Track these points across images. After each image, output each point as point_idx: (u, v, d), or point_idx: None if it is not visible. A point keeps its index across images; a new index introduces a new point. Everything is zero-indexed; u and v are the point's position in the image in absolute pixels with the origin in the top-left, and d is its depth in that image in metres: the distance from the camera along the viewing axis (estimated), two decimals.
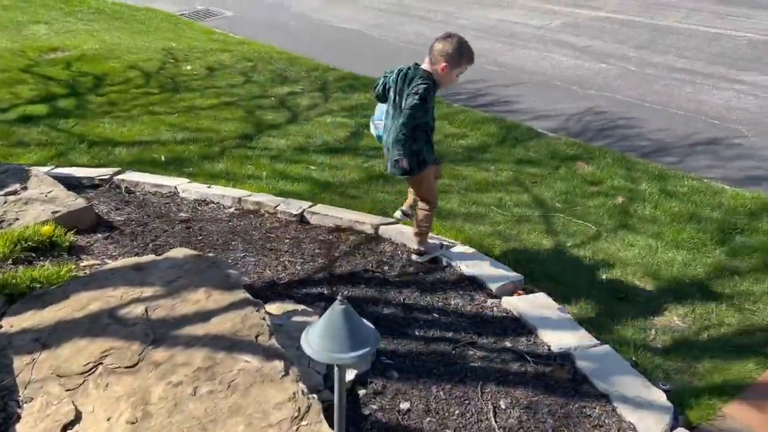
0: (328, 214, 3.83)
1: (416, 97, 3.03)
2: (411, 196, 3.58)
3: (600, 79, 7.27)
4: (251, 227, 3.72)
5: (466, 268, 3.36)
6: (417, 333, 2.84)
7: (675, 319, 3.24)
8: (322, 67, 7.85)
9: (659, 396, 2.53)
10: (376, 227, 3.73)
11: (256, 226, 3.73)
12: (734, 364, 2.86)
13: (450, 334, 2.85)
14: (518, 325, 2.96)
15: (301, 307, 2.86)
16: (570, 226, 4.13)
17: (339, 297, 1.63)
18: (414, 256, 3.45)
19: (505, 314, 3.04)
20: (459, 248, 3.60)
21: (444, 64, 3.12)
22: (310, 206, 3.94)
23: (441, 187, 4.65)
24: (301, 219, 3.85)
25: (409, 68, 3.21)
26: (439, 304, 3.07)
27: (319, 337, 1.60)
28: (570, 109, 6.57)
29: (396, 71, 3.24)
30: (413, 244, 3.48)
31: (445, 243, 3.64)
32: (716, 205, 4.35)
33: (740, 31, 8.35)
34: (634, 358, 2.88)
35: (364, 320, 1.70)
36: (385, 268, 3.35)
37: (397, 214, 3.62)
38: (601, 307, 3.29)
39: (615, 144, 5.74)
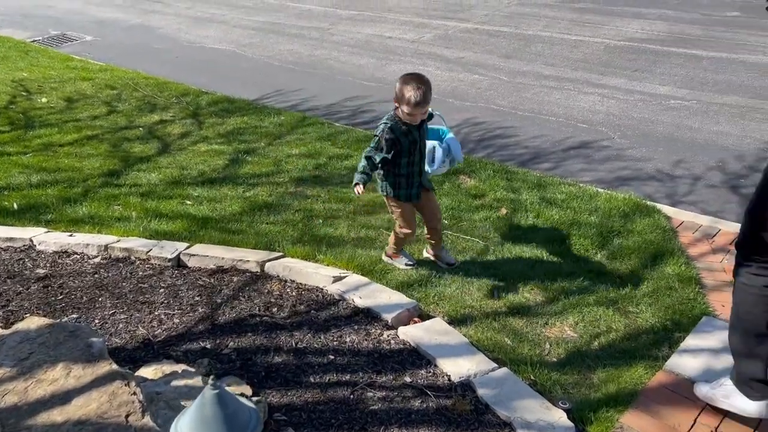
0: (207, 255, 3.57)
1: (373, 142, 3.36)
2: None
3: (474, 90, 7.44)
4: (121, 278, 3.39)
5: (360, 299, 3.23)
6: (312, 380, 2.67)
7: (567, 330, 3.28)
8: (193, 92, 7.48)
9: (560, 416, 2.51)
10: (262, 264, 3.51)
11: (126, 276, 3.40)
12: (625, 371, 2.92)
13: (348, 377, 2.70)
14: (417, 357, 2.87)
15: (181, 367, 2.60)
16: (458, 242, 4.11)
17: (210, 381, 1.43)
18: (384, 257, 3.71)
19: (402, 346, 2.94)
20: (352, 278, 3.47)
21: (394, 97, 3.24)
22: (188, 247, 3.66)
23: (328, 212, 4.52)
24: (178, 263, 3.56)
25: None
26: (334, 343, 2.91)
27: (190, 429, 1.39)
28: (448, 121, 6.58)
29: None
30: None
31: (342, 274, 3.50)
32: (593, 209, 4.51)
33: (597, 38, 8.89)
34: (532, 377, 2.87)
35: (242, 400, 1.50)
36: (274, 310, 3.15)
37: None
38: (497, 325, 3.27)
39: (495, 154, 5.86)
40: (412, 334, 2.99)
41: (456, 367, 2.77)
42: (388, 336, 2.98)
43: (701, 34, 8.66)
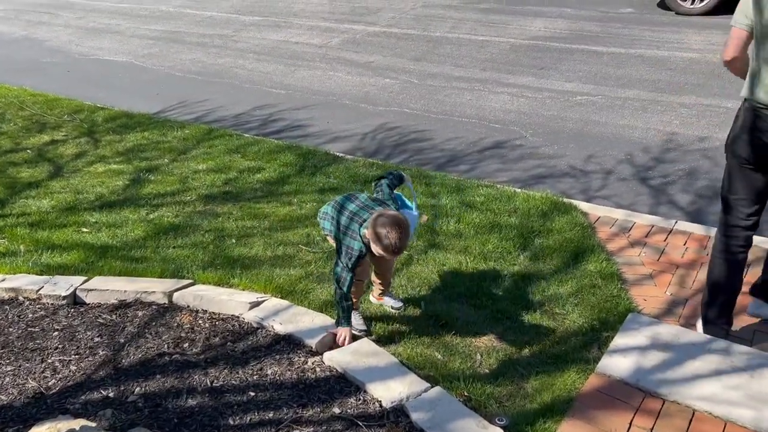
0: (107, 289, 3.24)
1: (346, 260, 2.82)
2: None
3: (386, 94, 7.34)
4: (6, 323, 3.01)
5: (280, 325, 3.01)
6: (232, 422, 2.43)
7: (496, 338, 3.19)
8: (87, 108, 6.97)
9: None
10: (170, 294, 3.22)
11: (12, 320, 3.02)
12: (558, 377, 2.86)
13: (271, 414, 2.48)
14: (345, 383, 2.68)
15: (80, 422, 2.29)
16: None
17: None
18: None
19: (329, 373, 2.74)
20: (271, 302, 3.24)
21: (368, 233, 2.76)
22: (85, 281, 3.31)
23: (241, 230, 4.26)
24: (75, 300, 3.21)
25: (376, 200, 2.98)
26: (254, 377, 2.68)
27: None
28: (362, 127, 6.51)
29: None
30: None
31: (260, 299, 3.25)
32: (512, 210, 4.48)
33: (503, 37, 9.02)
34: (466, 393, 2.75)
35: None
36: (185, 345, 2.88)
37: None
38: (426, 339, 3.14)
39: (411, 159, 5.77)
40: (338, 359, 2.80)
41: (387, 392, 2.61)
42: (312, 363, 2.78)
43: (600, 30, 8.96)
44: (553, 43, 8.59)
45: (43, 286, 3.23)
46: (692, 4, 9.12)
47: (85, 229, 4.18)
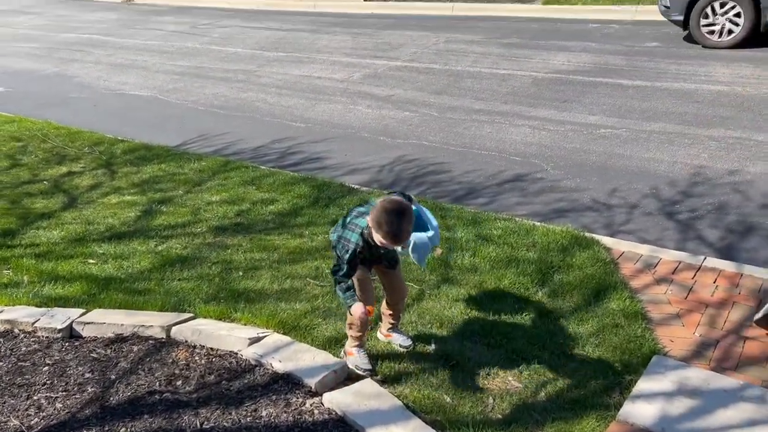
0: (105, 322, 3.13)
1: (342, 252, 2.77)
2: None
3: (405, 127, 7.26)
4: None
5: (280, 363, 2.86)
6: None
7: (510, 380, 2.99)
8: (108, 140, 7.01)
9: None
10: (168, 328, 3.10)
11: (4, 353, 2.93)
12: (576, 425, 2.64)
13: None
14: (344, 428, 2.51)
15: None
16: None
17: None
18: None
19: (327, 416, 2.57)
20: (272, 337, 3.10)
21: (368, 221, 2.69)
22: (83, 314, 3.21)
23: (249, 263, 4.14)
24: (71, 333, 3.11)
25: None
26: (248, 419, 2.52)
27: None
28: (380, 160, 6.42)
29: None
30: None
31: (261, 334, 3.11)
32: (531, 244, 4.29)
33: (525, 71, 8.93)
34: None
35: None
36: (178, 383, 2.74)
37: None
38: (434, 380, 2.95)
39: (428, 191, 5.63)
40: (338, 400, 2.63)
41: None
42: (311, 405, 2.62)
43: (624, 64, 8.82)
44: (576, 76, 8.46)
45: (39, 319, 3.14)
46: (719, 37, 8.95)
47: (91, 261, 4.10)
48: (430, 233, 2.97)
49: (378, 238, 2.62)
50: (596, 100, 7.53)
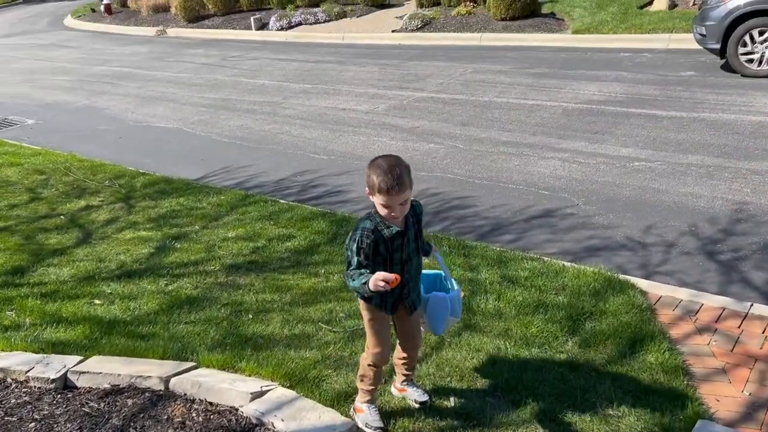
0: (101, 372, 2.95)
1: (350, 243, 2.61)
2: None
3: (430, 159, 7.06)
4: None
5: (282, 423, 2.63)
6: None
7: None
8: (129, 173, 6.96)
9: None
10: (167, 380, 2.90)
11: None
12: None
13: None
14: None
15: None
16: None
17: None
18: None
19: None
20: (277, 392, 2.87)
21: (366, 189, 2.55)
22: (80, 362, 3.04)
23: (260, 304, 3.94)
24: (65, 383, 2.93)
25: None
26: None
27: None
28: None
29: None
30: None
31: (265, 387, 2.89)
32: (560, 287, 4.01)
33: (554, 101, 8.68)
34: None
35: None
36: None
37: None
38: None
39: (452, 227, 5.40)
40: None
41: None
42: None
43: (658, 94, 8.51)
44: (608, 107, 8.19)
45: (34, 367, 2.97)
46: (759, 66, 8.59)
47: (97, 301, 3.95)
48: (452, 294, 2.75)
49: (379, 204, 2.45)
50: (629, 131, 7.23)
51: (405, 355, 2.88)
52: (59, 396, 2.80)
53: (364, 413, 2.76)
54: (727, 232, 4.88)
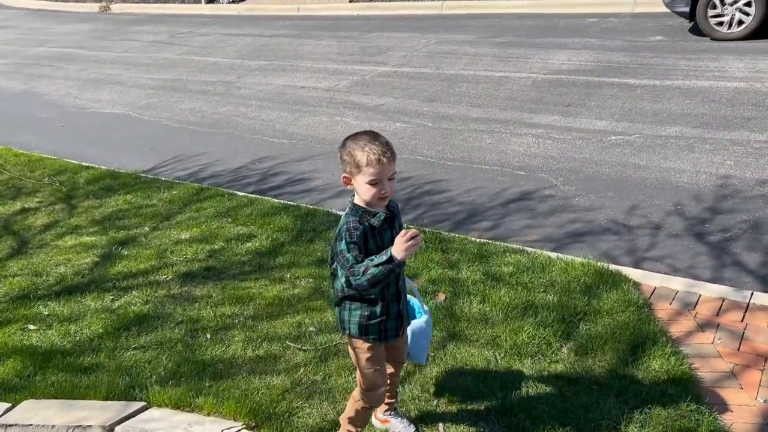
0: (31, 424, 2.51)
1: (342, 245, 2.15)
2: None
3: (397, 140, 6.63)
4: None
5: None
6: None
7: None
8: (71, 168, 6.38)
9: None
10: (110, 428, 2.48)
11: None
12: None
13: None
14: None
15: None
16: None
17: None
18: None
19: None
20: None
21: (343, 176, 2.20)
22: (8, 410, 2.60)
23: (220, 320, 3.53)
24: None
25: None
26: None
27: None
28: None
29: None
30: None
31: (225, 430, 2.50)
32: (548, 284, 3.69)
33: (523, 72, 8.32)
34: None
35: None
36: None
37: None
38: None
39: (426, 215, 5.04)
40: None
41: None
42: None
43: (629, 61, 8.21)
44: (579, 77, 7.86)
45: None
46: (729, 28, 8.35)
47: (32, 326, 3.48)
48: (424, 318, 2.42)
49: (366, 185, 2.11)
50: (603, 102, 6.93)
51: (389, 381, 2.53)
52: None
53: None
54: (714, 210, 4.63)
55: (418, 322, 2.48)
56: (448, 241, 4.35)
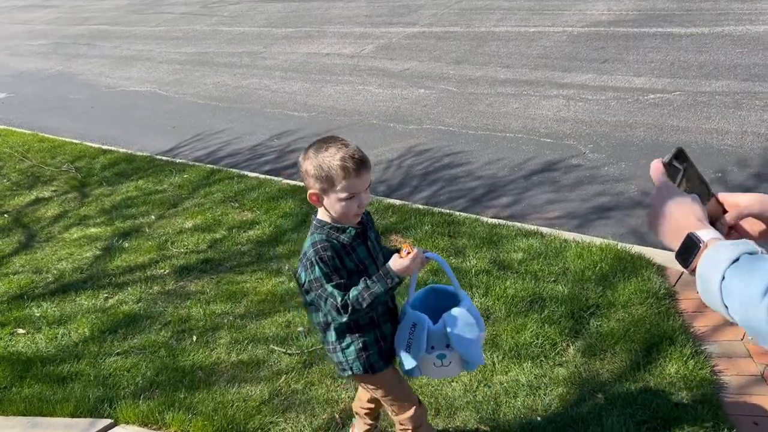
0: None
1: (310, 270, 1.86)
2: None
3: (419, 109, 6.30)
4: None
5: None
6: None
7: None
8: (90, 153, 6.35)
9: None
10: None
11: None
12: None
13: None
14: None
15: None
16: None
17: None
18: None
19: None
20: None
21: (311, 193, 1.89)
22: None
23: (209, 319, 3.39)
24: None
25: None
26: None
27: None
28: (388, 153, 5.53)
29: None
30: None
31: None
32: (560, 272, 3.35)
33: (558, 26, 7.74)
34: None
35: None
36: None
37: None
38: None
39: (442, 191, 4.74)
40: None
41: None
42: None
43: (676, 7, 7.50)
44: (618, 28, 7.24)
45: None
46: None
47: (21, 330, 3.42)
48: (464, 308, 1.99)
49: (340, 201, 1.83)
50: (643, 56, 6.35)
51: (371, 405, 2.30)
52: None
53: None
54: (760, 177, 4.14)
55: (458, 316, 1.94)
56: (458, 223, 4.05)
